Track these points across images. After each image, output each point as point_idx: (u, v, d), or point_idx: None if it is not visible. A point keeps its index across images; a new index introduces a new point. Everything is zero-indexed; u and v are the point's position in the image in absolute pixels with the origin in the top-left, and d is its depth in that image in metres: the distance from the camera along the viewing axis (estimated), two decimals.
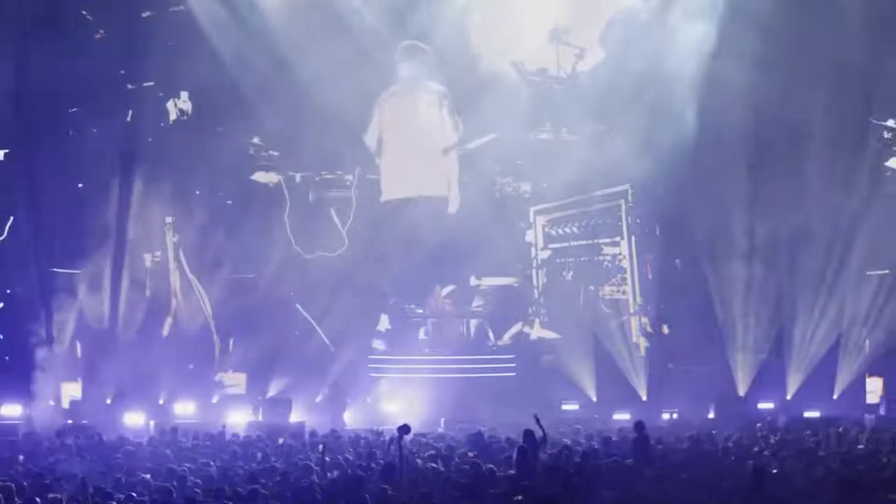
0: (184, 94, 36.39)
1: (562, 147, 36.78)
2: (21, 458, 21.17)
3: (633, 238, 36.93)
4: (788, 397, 35.59)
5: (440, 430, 29.99)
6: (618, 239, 37.10)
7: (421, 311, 37.47)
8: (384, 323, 37.29)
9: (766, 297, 35.52)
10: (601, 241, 37.15)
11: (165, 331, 36.21)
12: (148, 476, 19.02)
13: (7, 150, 35.52)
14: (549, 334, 37.06)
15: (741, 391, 35.62)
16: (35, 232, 34.81)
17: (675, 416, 34.28)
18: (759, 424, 30.05)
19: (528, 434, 21.21)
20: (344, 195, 37.28)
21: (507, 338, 37.44)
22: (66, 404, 33.64)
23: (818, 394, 35.12)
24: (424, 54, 36.17)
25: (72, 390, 34.16)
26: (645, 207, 36.79)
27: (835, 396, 35.46)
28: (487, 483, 18.57)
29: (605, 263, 37.20)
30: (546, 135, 37.27)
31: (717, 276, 35.74)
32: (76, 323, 35.24)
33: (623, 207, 36.87)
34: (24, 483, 18.14)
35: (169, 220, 36.51)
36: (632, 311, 36.89)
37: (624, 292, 36.99)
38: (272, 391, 35.07)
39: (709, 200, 35.54)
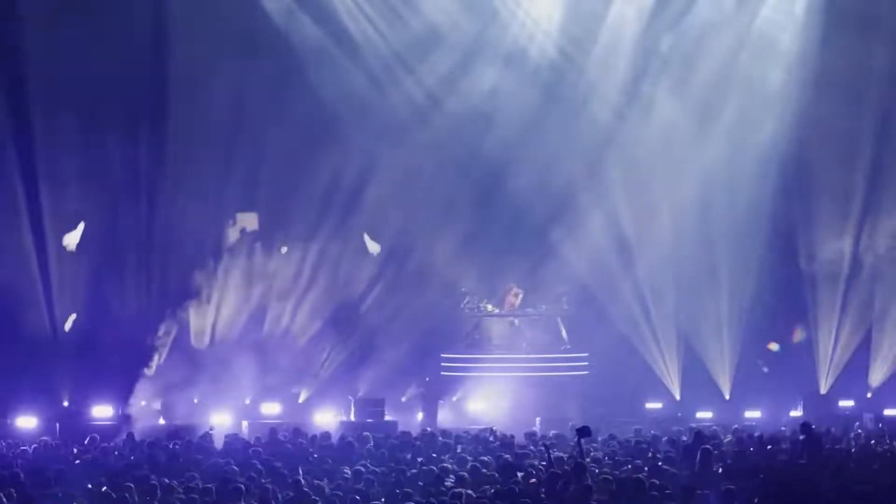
0: None
1: None
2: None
3: None
4: (868, 395, 35.61)
5: (535, 428, 29.78)
6: None
7: (497, 309, 37.26)
8: (466, 321, 37.06)
9: (857, 297, 35.48)
10: None
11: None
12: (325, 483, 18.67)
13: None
14: None
15: (823, 389, 35.62)
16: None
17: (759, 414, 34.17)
18: (857, 423, 30.07)
19: (699, 434, 20.93)
20: None
21: None
22: (157, 405, 33.36)
23: None
24: None
25: (161, 391, 33.85)
26: None
27: None
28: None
29: None
30: None
31: (810, 274, 35.64)
32: (166, 325, 35.08)
33: None
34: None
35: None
36: None
37: None
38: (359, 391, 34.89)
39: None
